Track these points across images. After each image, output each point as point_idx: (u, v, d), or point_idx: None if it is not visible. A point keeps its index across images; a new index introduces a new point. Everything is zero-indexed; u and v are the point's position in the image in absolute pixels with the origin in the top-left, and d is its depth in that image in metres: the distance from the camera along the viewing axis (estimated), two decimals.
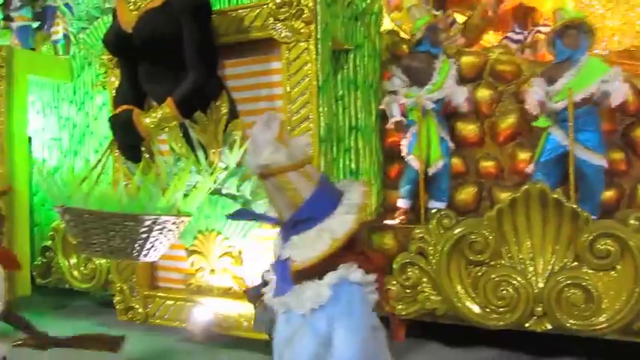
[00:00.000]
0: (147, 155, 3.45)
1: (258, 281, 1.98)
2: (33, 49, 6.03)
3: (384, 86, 4.14)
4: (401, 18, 5.23)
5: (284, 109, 3.37)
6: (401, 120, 3.98)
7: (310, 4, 3.27)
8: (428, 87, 3.95)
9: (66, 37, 5.70)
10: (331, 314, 1.64)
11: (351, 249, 1.68)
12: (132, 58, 3.33)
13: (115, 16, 3.37)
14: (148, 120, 3.14)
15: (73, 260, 4.81)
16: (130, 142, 3.20)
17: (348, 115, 3.81)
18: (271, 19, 3.36)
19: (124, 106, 3.32)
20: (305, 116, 3.30)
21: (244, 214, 2.47)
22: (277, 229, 1.83)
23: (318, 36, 3.30)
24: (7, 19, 6.63)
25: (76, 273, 4.78)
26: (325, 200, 1.67)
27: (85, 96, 5.00)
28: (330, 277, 1.66)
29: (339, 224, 1.63)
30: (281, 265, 1.70)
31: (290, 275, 1.68)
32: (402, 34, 4.49)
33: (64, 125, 5.17)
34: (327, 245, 1.60)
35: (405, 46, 4.26)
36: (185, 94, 3.15)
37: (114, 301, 4.08)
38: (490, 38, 5.48)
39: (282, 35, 3.33)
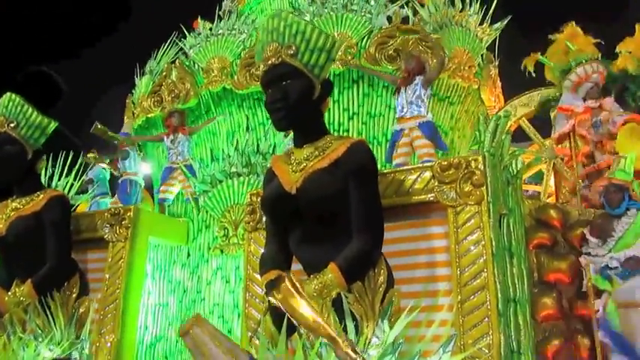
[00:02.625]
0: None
1: None
2: None
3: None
4: None
5: (451, 277, 3.04)
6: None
7: (481, 166, 3.09)
8: (610, 243, 3.56)
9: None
10: None
11: None
12: (287, 220, 3.13)
13: (270, 178, 3.24)
14: (310, 288, 2.84)
15: None
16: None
17: (506, 286, 3.43)
18: (435, 182, 3.18)
19: (276, 272, 3.05)
20: (480, 286, 2.96)
21: None
22: None
23: (489, 199, 3.07)
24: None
25: None
26: None
27: (200, 259, 4.80)
28: None
29: None
30: None
31: None
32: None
33: (172, 290, 4.92)
34: None
35: (552, 211, 3.99)
36: (352, 259, 2.86)
37: None
38: None
39: (449, 198, 3.11)
